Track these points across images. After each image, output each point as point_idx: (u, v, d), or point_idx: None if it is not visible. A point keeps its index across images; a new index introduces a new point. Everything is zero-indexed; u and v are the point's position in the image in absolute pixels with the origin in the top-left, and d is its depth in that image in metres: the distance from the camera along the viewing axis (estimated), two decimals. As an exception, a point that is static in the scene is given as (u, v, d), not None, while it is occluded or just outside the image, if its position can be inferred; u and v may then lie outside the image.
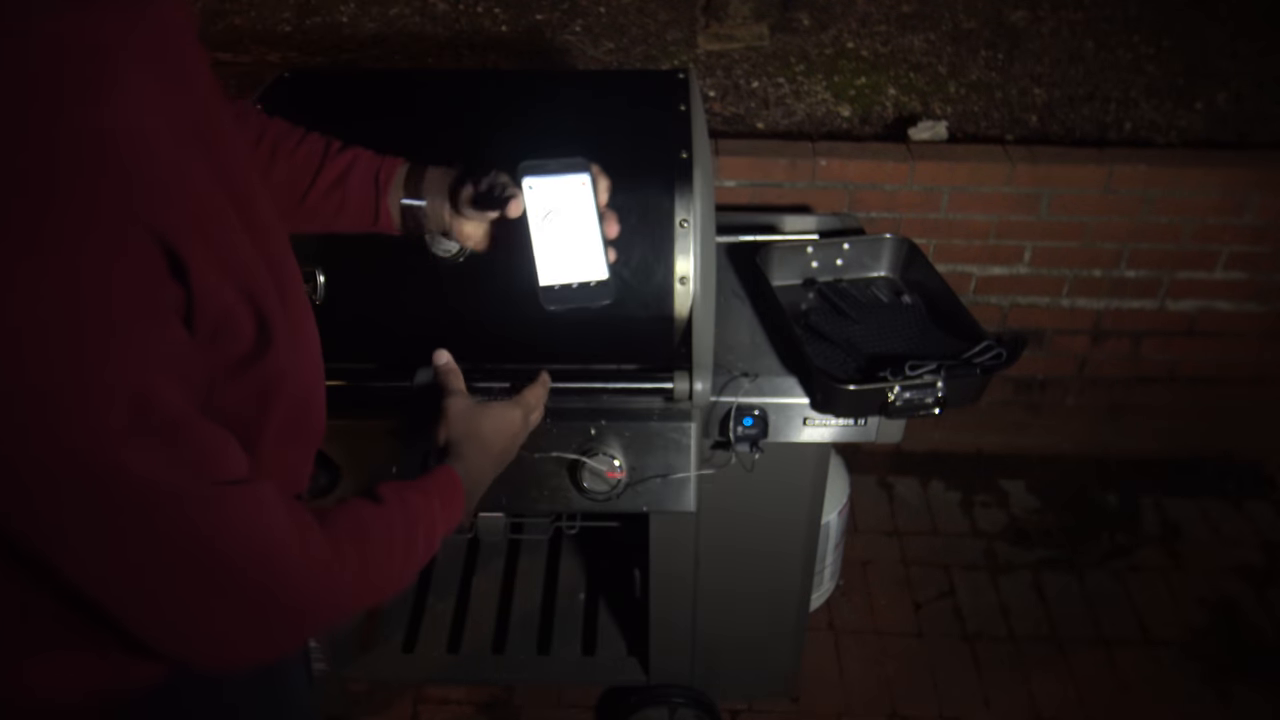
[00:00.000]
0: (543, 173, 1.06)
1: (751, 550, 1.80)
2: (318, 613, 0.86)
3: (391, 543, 0.94)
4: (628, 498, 1.51)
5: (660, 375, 1.45)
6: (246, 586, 0.79)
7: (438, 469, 1.09)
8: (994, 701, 2.22)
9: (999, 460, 2.86)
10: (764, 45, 2.98)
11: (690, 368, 1.44)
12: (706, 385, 1.45)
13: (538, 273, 1.06)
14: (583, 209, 1.06)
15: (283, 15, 3.19)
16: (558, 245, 1.06)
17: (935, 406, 1.45)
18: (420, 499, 1.01)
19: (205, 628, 0.80)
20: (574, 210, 1.06)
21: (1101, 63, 2.89)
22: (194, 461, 0.76)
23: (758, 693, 2.14)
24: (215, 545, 0.77)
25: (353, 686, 2.17)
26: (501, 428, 1.16)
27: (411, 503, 0.99)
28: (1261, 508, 2.72)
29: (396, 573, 0.96)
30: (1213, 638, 2.35)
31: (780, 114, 2.77)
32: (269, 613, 0.82)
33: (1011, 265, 2.53)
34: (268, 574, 0.80)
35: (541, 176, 1.06)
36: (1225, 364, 2.68)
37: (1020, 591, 2.47)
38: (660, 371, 1.45)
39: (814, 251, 1.77)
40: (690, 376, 1.44)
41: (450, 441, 1.14)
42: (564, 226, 1.06)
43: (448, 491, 1.07)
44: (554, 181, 1.06)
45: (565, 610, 2.17)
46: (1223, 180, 2.39)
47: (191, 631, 0.80)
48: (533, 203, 1.06)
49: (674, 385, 1.44)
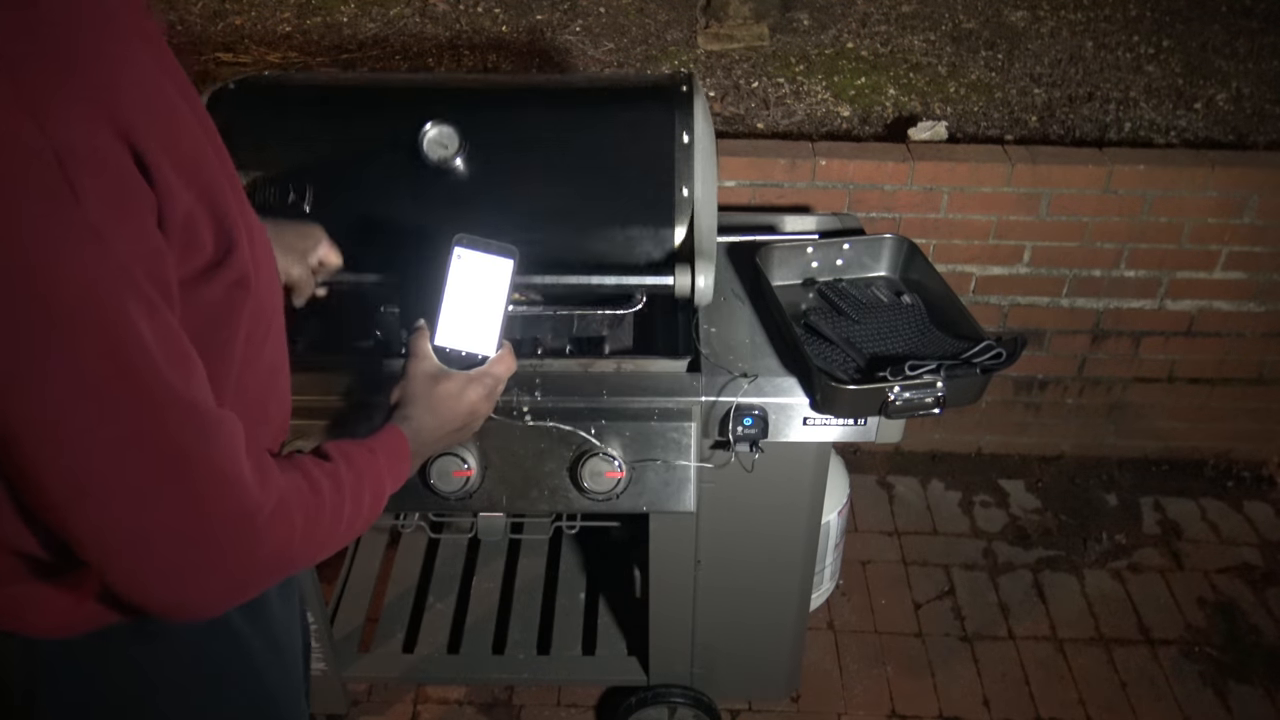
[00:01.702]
0: (473, 247, 1.15)
1: (751, 550, 1.80)
2: (263, 557, 0.85)
3: (339, 499, 0.94)
4: (628, 498, 1.52)
5: (661, 270, 1.45)
6: (197, 503, 0.79)
7: (386, 428, 1.08)
8: (994, 701, 2.22)
9: (999, 460, 2.86)
10: (764, 45, 2.98)
11: (692, 260, 1.43)
12: (709, 281, 1.44)
13: (435, 331, 1.14)
14: (496, 290, 1.15)
15: (283, 15, 3.20)
16: (462, 314, 1.15)
17: (935, 406, 1.45)
18: (366, 457, 1.01)
19: (151, 545, 0.79)
20: (488, 289, 1.15)
21: (1101, 63, 2.90)
22: (172, 361, 0.76)
23: (758, 693, 2.14)
24: (174, 450, 0.77)
25: (353, 686, 2.17)
26: (461, 397, 1.14)
27: (357, 461, 0.99)
28: (1261, 508, 2.72)
29: (342, 529, 0.96)
30: (1212, 638, 2.36)
31: (780, 114, 2.77)
32: (216, 541, 0.81)
33: (1011, 265, 2.53)
34: (221, 496, 0.80)
35: (471, 250, 1.15)
36: (1225, 364, 2.69)
37: (1020, 591, 2.47)
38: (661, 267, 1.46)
39: (814, 251, 1.77)
40: (692, 270, 1.42)
41: (402, 401, 1.13)
42: (474, 300, 1.15)
43: (394, 451, 1.06)
44: (480, 258, 1.15)
45: (565, 610, 2.18)
46: (1222, 180, 2.39)
47: (137, 550, 0.79)
48: (455, 271, 1.14)
49: (675, 280, 1.43)
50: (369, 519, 1.01)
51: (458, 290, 1.14)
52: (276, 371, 1.04)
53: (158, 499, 0.78)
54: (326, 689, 2.00)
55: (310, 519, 0.89)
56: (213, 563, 0.82)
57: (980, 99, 2.80)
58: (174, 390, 0.77)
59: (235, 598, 0.87)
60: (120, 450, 0.76)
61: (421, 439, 1.10)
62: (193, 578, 0.82)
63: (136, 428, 0.76)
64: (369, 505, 1.00)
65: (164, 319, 0.77)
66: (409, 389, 1.13)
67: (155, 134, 0.76)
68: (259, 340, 0.96)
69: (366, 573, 2.28)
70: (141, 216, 0.75)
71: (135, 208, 0.74)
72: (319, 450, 0.99)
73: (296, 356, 1.11)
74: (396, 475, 1.05)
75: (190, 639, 1.01)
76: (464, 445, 1.50)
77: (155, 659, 1.01)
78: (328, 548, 0.96)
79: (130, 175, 0.74)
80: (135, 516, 0.78)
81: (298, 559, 0.90)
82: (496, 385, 1.17)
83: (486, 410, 1.17)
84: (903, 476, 2.81)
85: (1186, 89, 2.81)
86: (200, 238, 0.82)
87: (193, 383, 0.80)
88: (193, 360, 0.81)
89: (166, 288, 0.78)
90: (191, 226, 0.81)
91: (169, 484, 0.78)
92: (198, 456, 0.79)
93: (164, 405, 0.77)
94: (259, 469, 0.84)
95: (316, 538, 0.91)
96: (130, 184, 0.74)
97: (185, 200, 0.79)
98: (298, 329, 1.61)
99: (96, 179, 0.71)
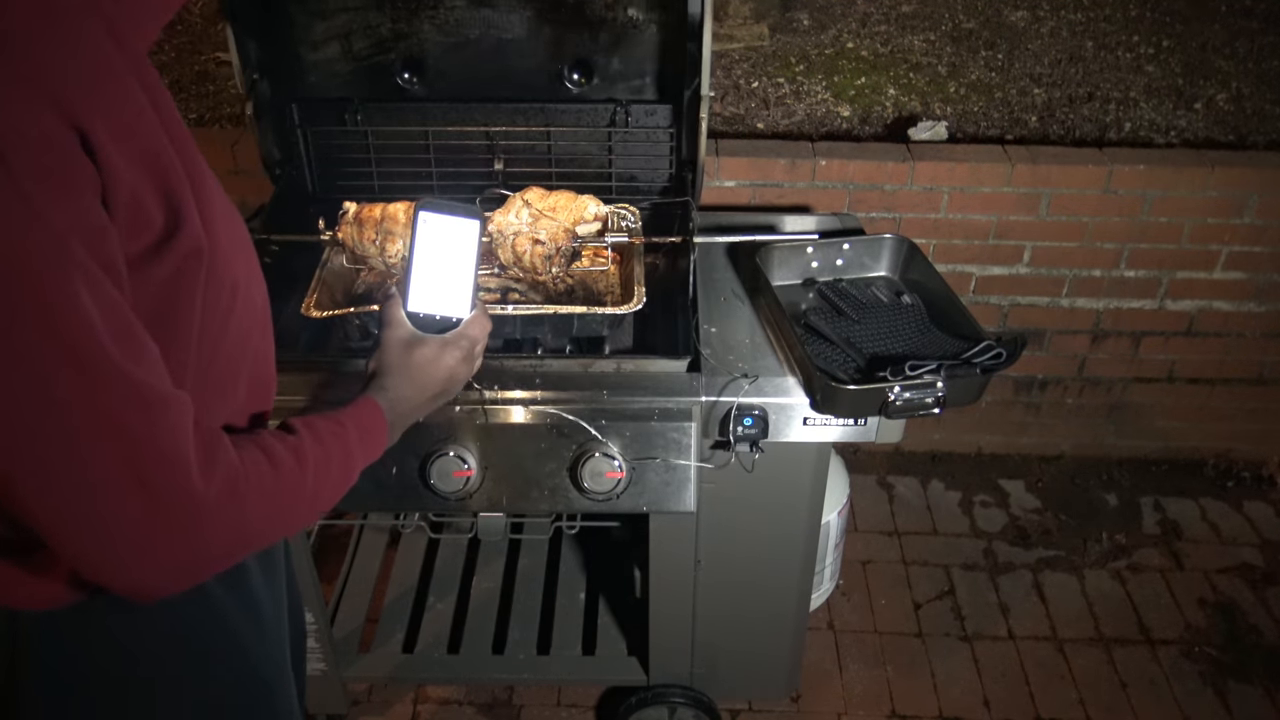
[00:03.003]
0: (438, 210, 1.14)
1: (751, 550, 1.80)
2: (214, 536, 0.84)
3: (301, 474, 0.93)
4: (628, 498, 1.52)
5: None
6: (141, 483, 0.78)
7: (360, 399, 1.07)
8: (994, 701, 2.22)
9: (999, 460, 2.86)
10: (764, 45, 2.98)
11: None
12: None
13: (407, 298, 1.14)
14: (465, 252, 1.14)
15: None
16: (433, 279, 1.14)
17: (935, 406, 1.45)
18: (334, 429, 1.00)
19: (96, 525, 0.79)
20: (456, 252, 1.14)
21: (1101, 63, 2.90)
22: (118, 337, 0.76)
23: (758, 693, 2.14)
24: (117, 428, 0.77)
25: (353, 686, 2.17)
26: (438, 361, 1.12)
27: (324, 434, 0.98)
28: (1261, 508, 2.72)
29: (305, 504, 0.95)
30: (1212, 638, 2.36)
31: (780, 114, 2.77)
32: (161, 522, 0.80)
33: (1011, 265, 2.53)
34: (166, 477, 0.80)
35: (436, 214, 1.14)
36: (1225, 364, 2.69)
37: (1020, 591, 2.47)
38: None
39: (814, 251, 1.77)
40: None
41: (378, 371, 1.12)
42: (443, 264, 1.14)
43: (367, 422, 1.04)
44: (446, 221, 1.14)
45: (565, 610, 2.18)
46: (1222, 180, 2.39)
47: (83, 530, 0.79)
48: (422, 236, 1.14)
49: None
50: (337, 493, 1.00)
51: (426, 255, 1.14)
52: (247, 336, 1.03)
53: (101, 478, 0.77)
54: (326, 689, 2.00)
55: (268, 495, 0.88)
56: (160, 543, 0.81)
57: (980, 99, 2.80)
58: (118, 366, 0.76)
59: (192, 575, 0.86)
60: (61, 428, 0.75)
61: (400, 408, 1.09)
62: (143, 559, 0.81)
63: (78, 404, 0.75)
64: (336, 479, 0.99)
65: (108, 294, 0.76)
66: (384, 358, 1.12)
67: (100, 115, 0.76)
68: (223, 309, 0.95)
69: (366, 573, 2.28)
70: (83, 194, 0.75)
71: (77, 186, 0.74)
72: (285, 424, 0.98)
73: (297, 355, 1.11)
74: (369, 447, 1.04)
75: (171, 612, 1.00)
76: (464, 445, 1.50)
77: (135, 631, 1.01)
78: (292, 523, 0.95)
79: (73, 154, 0.74)
80: (78, 496, 0.77)
81: (256, 535, 0.89)
82: (473, 346, 1.16)
83: (466, 373, 1.16)
84: (903, 476, 2.81)
85: (1186, 89, 2.81)
86: (148, 215, 0.82)
87: (143, 362, 0.79)
88: (141, 339, 0.80)
89: (111, 265, 0.77)
90: (138, 205, 0.80)
91: (112, 463, 0.77)
92: (142, 436, 0.78)
93: (107, 382, 0.76)
94: (208, 448, 0.83)
95: (277, 514, 0.90)
96: (72, 163, 0.74)
97: (130, 179, 0.79)
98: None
99: (33, 156, 0.71)
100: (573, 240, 1.66)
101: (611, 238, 1.70)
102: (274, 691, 1.18)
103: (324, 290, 1.66)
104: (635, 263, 1.70)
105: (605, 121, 1.91)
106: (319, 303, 1.62)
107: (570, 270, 1.72)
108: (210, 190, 0.93)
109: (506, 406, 1.52)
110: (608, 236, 1.70)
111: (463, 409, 1.52)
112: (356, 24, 1.83)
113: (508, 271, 1.69)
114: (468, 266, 1.15)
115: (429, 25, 1.84)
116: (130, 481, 0.78)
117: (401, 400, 1.09)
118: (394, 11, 1.83)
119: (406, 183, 1.93)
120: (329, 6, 1.80)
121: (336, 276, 1.73)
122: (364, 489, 1.51)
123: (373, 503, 1.56)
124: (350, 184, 1.92)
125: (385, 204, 1.68)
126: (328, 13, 1.81)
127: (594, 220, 1.67)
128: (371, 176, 1.92)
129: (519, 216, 1.66)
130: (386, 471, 1.52)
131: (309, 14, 1.80)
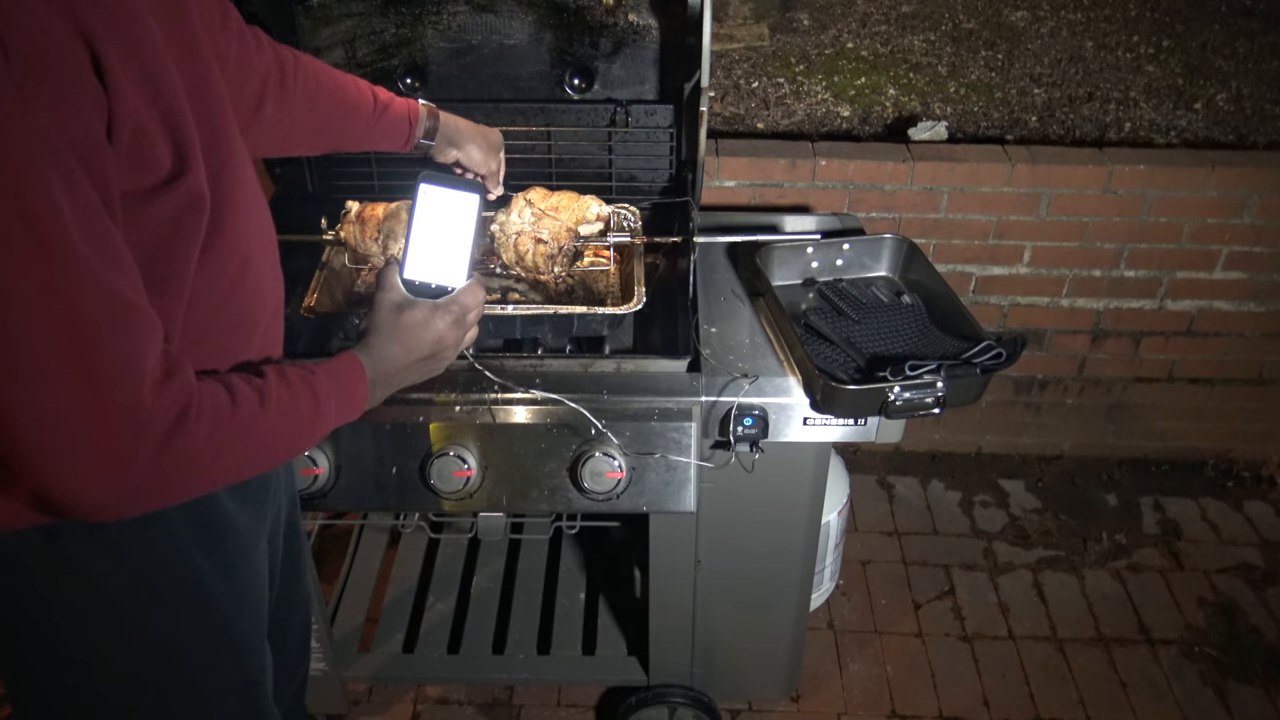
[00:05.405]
0: (439, 183, 1.17)
1: (751, 550, 1.80)
2: (163, 459, 0.83)
3: (262, 414, 0.93)
4: (628, 498, 1.52)
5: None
6: (92, 384, 0.78)
7: (342, 353, 1.08)
8: (994, 701, 2.22)
9: (999, 460, 2.86)
10: (764, 45, 2.98)
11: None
12: None
13: (404, 265, 1.16)
14: (463, 224, 1.17)
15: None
16: (431, 248, 1.16)
17: (935, 406, 1.45)
18: (304, 376, 1.00)
19: (43, 421, 0.78)
20: (455, 223, 1.17)
21: (1101, 63, 2.89)
22: (90, 236, 0.76)
23: (758, 693, 2.14)
24: (76, 321, 0.77)
25: (353, 686, 2.17)
26: (427, 325, 1.13)
27: (293, 379, 0.98)
28: (1261, 508, 2.72)
29: (266, 445, 0.96)
30: (1212, 638, 2.35)
31: (780, 114, 2.77)
32: (108, 427, 0.80)
33: (1011, 265, 2.53)
34: (118, 383, 0.79)
35: (437, 186, 1.17)
36: (1225, 364, 2.69)
37: (1020, 591, 2.47)
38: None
39: (814, 251, 1.77)
40: None
41: (367, 331, 1.13)
42: (441, 234, 1.16)
43: (343, 375, 1.05)
44: (446, 194, 1.17)
45: (565, 610, 2.18)
46: (1222, 180, 2.39)
47: (30, 425, 0.78)
48: (422, 207, 1.16)
49: None
50: (305, 440, 1.00)
51: (425, 225, 1.16)
52: (254, 319, 1.03)
53: (55, 370, 0.77)
54: (326, 689, 2.00)
55: (222, 427, 0.88)
56: (104, 451, 0.81)
57: (980, 99, 2.80)
58: (85, 261, 0.76)
59: (139, 497, 0.85)
60: (20, 310, 0.75)
61: (384, 366, 1.10)
62: (81, 461, 0.80)
63: (33, 281, 0.75)
64: (304, 425, 0.99)
65: (87, 196, 0.76)
66: (374, 319, 1.14)
67: (116, 44, 0.78)
68: (229, 280, 0.96)
69: (366, 573, 2.28)
70: (84, 106, 0.76)
71: (79, 95, 0.76)
72: (256, 368, 0.99)
73: (297, 355, 1.11)
74: (344, 400, 1.04)
75: (130, 540, 1.00)
76: (464, 445, 1.50)
77: (96, 560, 1.00)
78: (252, 460, 0.95)
79: (82, 69, 0.76)
80: (28, 386, 0.77)
81: (208, 467, 0.89)
82: (465, 314, 1.17)
83: (455, 338, 1.17)
84: (903, 476, 2.81)
85: (1186, 89, 2.81)
86: (155, 155, 0.83)
87: (115, 269, 0.79)
88: (119, 251, 0.80)
89: (102, 182, 0.78)
90: (143, 140, 0.81)
91: (64, 347, 0.77)
92: (98, 330, 0.78)
93: (72, 274, 0.76)
94: (168, 370, 0.83)
95: (230, 448, 0.90)
96: (80, 75, 0.76)
97: (138, 111, 0.80)
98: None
99: (35, 54, 0.72)
100: (575, 240, 1.66)
101: (613, 237, 1.70)
102: (243, 658, 1.17)
103: (324, 290, 1.66)
104: (636, 262, 1.70)
105: (605, 122, 1.91)
106: (319, 302, 1.63)
107: (571, 270, 1.72)
108: (236, 162, 0.95)
109: (507, 406, 1.52)
110: (609, 236, 1.70)
111: (463, 408, 1.52)
112: (360, 30, 1.85)
113: (510, 270, 1.69)
114: (466, 238, 1.17)
115: (432, 31, 1.85)
116: (77, 373, 0.78)
117: (386, 359, 1.11)
118: (398, 17, 1.84)
119: (407, 183, 1.91)
120: (333, 13, 1.82)
121: (337, 276, 1.73)
122: (364, 489, 1.53)
123: (373, 503, 1.56)
124: (351, 184, 1.92)
125: (388, 203, 1.69)
126: (332, 19, 1.82)
127: (596, 220, 1.68)
128: (371, 177, 1.92)
129: (521, 216, 1.66)
130: (386, 471, 1.52)
131: (314, 20, 1.81)
